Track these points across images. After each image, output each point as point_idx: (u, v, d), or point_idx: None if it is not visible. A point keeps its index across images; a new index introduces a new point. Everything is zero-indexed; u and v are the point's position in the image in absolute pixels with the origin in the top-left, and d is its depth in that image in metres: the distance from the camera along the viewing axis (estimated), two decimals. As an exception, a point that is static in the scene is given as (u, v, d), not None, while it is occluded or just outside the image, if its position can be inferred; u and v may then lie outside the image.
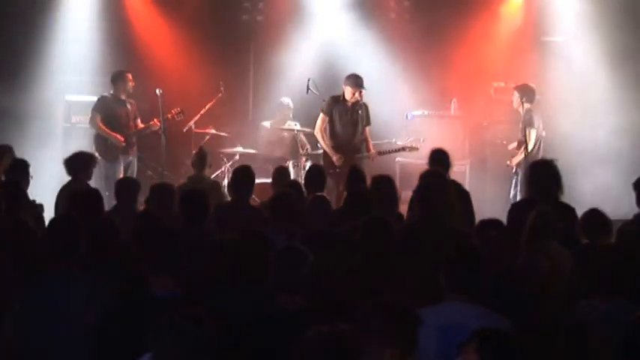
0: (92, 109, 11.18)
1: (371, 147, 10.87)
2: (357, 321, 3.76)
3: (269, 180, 11.24)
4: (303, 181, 8.62)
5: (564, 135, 11.38)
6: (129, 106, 11.22)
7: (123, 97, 11.16)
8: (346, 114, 10.71)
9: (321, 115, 10.76)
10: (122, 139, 10.99)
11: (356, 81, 10.64)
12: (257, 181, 8.39)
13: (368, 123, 10.85)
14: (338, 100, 10.73)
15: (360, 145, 10.81)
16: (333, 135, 10.77)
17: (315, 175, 8.55)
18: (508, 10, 12.99)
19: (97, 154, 10.25)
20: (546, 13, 12.57)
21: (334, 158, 10.61)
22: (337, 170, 10.47)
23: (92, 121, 11.14)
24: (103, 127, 11.00)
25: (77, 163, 8.61)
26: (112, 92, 11.22)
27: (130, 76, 11.24)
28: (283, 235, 6.45)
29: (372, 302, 3.87)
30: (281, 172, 9.06)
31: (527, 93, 10.81)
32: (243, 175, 8.03)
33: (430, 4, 13.03)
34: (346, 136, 10.74)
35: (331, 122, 10.75)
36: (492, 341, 3.70)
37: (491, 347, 3.68)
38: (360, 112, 10.71)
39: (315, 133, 10.87)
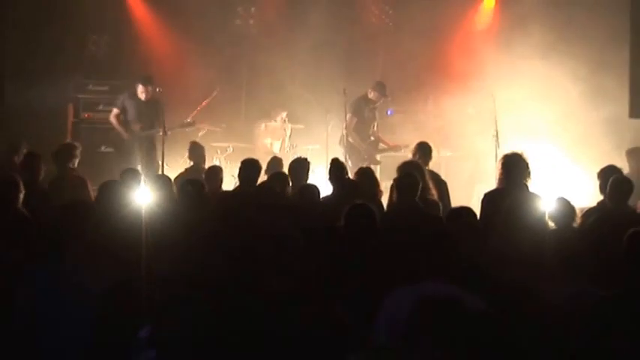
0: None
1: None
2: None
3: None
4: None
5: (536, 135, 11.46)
6: (144, 105, 11.32)
7: (142, 97, 11.33)
8: (370, 112, 11.64)
9: (349, 116, 11.30)
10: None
11: (384, 91, 11.56)
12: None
13: None
14: (366, 100, 11.54)
15: (376, 141, 11.71)
16: (359, 131, 11.44)
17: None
18: (482, 12, 13.08)
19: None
20: (518, 15, 12.65)
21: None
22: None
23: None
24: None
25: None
26: (130, 91, 11.42)
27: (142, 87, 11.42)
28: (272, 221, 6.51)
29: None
30: (274, 162, 9.23)
31: None
32: (249, 166, 8.33)
33: (410, 7, 13.14)
34: (368, 133, 11.63)
35: (359, 121, 11.50)
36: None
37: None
38: (376, 112, 11.72)
39: (349, 134, 11.25)
